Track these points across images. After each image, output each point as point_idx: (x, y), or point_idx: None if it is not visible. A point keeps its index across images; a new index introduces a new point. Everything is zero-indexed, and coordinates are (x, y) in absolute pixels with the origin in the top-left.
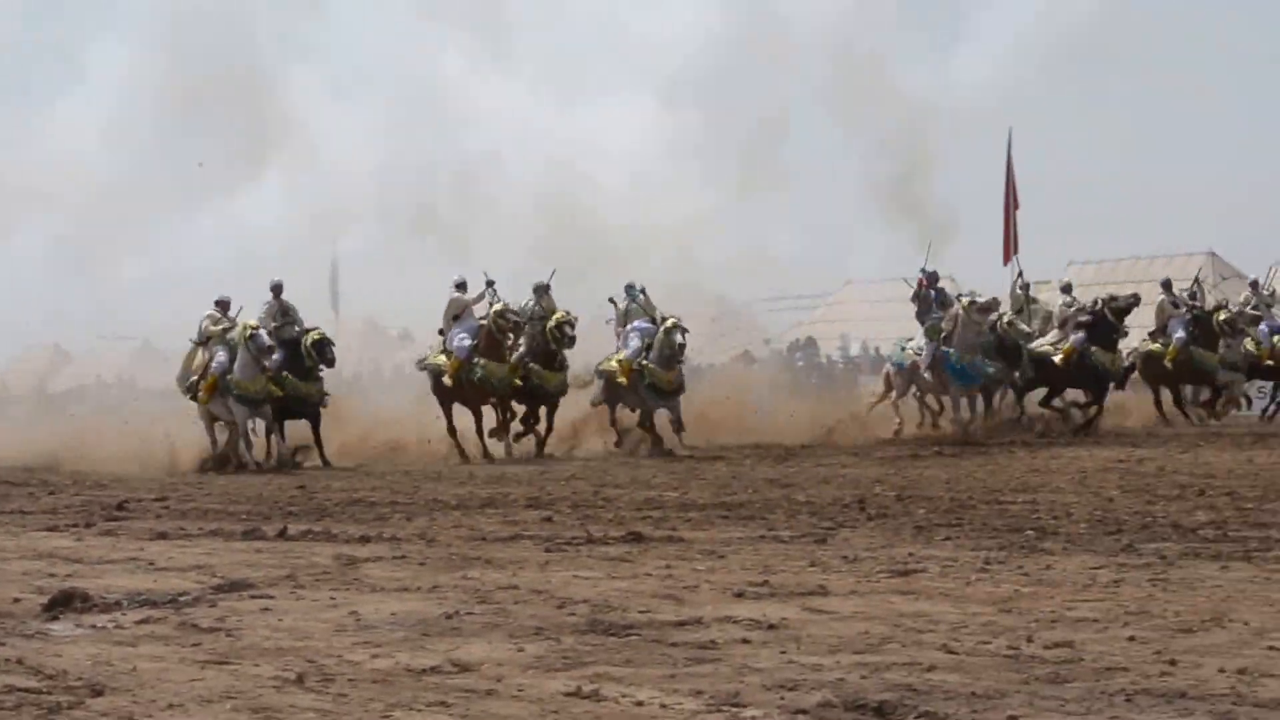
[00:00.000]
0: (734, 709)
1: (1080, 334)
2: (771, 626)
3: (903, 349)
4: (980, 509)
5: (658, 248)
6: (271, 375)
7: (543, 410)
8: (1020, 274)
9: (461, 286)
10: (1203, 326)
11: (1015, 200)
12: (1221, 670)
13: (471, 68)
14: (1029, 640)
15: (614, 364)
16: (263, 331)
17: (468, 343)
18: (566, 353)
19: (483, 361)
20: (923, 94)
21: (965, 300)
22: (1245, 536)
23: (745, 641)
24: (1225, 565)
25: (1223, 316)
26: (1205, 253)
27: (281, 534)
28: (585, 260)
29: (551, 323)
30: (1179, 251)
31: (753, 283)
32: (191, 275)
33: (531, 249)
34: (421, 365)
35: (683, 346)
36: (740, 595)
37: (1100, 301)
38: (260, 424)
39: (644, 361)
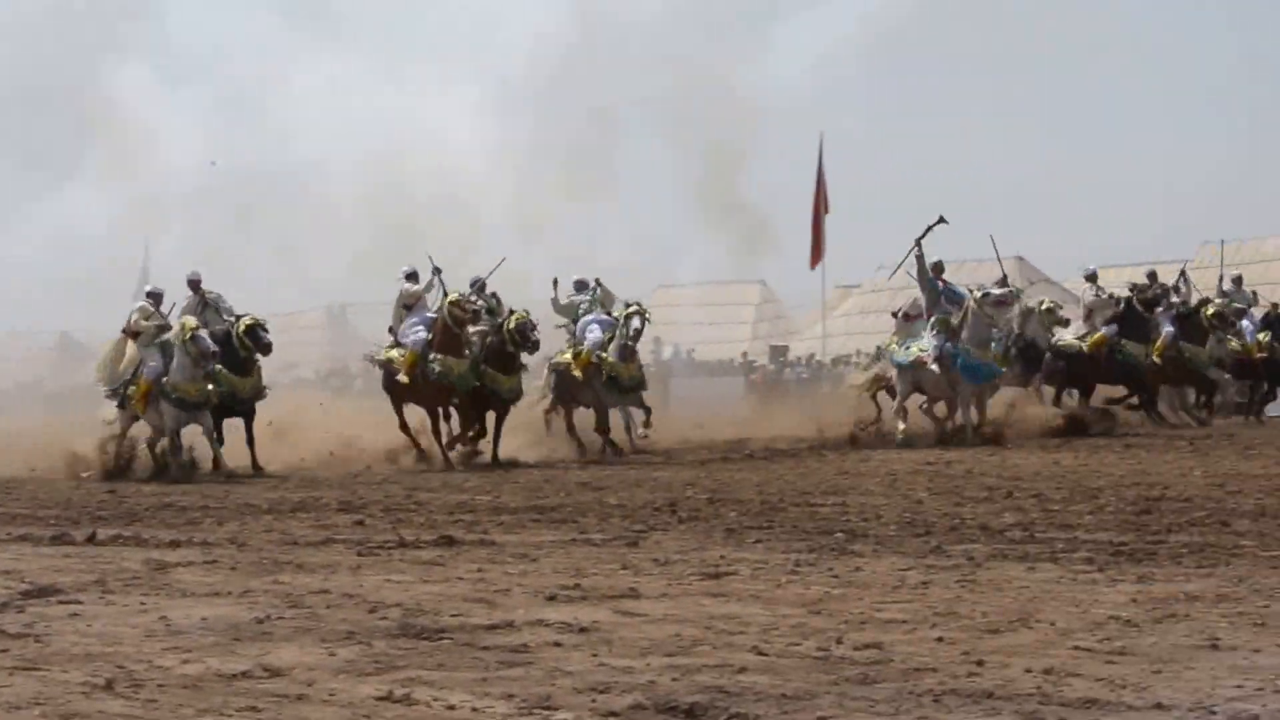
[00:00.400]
0: (545, 712)
1: (1113, 326)
2: (583, 629)
3: (906, 346)
4: (791, 511)
5: (482, 250)
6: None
7: (491, 417)
8: (1004, 275)
9: (412, 277)
10: (1190, 322)
11: (826, 204)
12: (1028, 670)
13: (299, 64)
14: (838, 642)
15: (568, 357)
16: (204, 333)
17: (423, 334)
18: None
19: (440, 357)
20: (743, 99)
21: (978, 293)
22: (1051, 538)
23: (557, 644)
24: (1032, 566)
25: (1211, 310)
26: (1013, 258)
27: (90, 539)
28: (408, 260)
29: (511, 324)
30: (987, 256)
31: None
32: (4, 270)
33: (356, 248)
34: (372, 359)
35: (639, 332)
36: (552, 598)
37: (1129, 292)
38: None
39: (602, 354)
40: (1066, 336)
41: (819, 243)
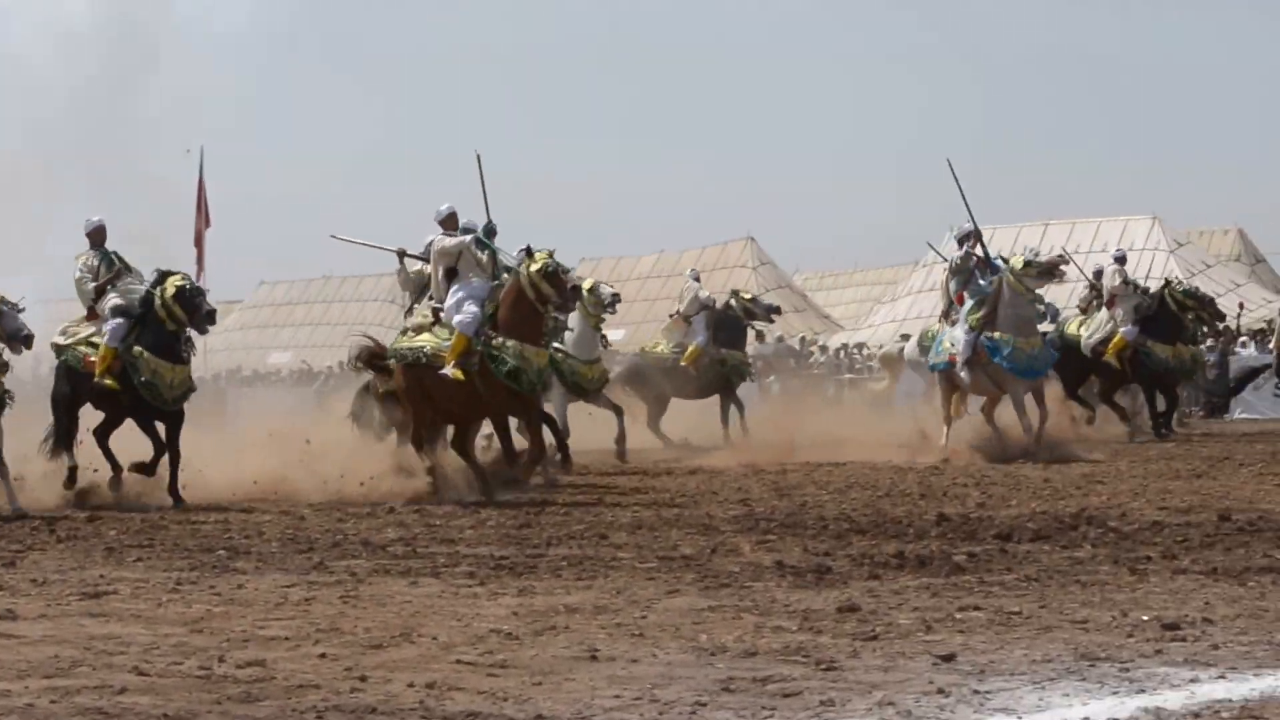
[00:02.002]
0: None
1: (1134, 328)
2: None
3: (940, 345)
4: (172, 529)
5: None
6: (118, 357)
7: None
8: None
9: (450, 220)
10: (1161, 313)
11: (207, 219)
12: (411, 685)
13: None
14: (221, 660)
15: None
16: (6, 308)
17: (477, 312)
18: None
19: (510, 344)
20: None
21: (1017, 260)
22: (434, 553)
23: None
24: (414, 581)
25: (1180, 290)
26: (393, 272)
27: None
28: None
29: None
30: (352, 273)
31: None
32: None
33: None
34: (393, 352)
35: (616, 297)
36: None
37: (1164, 289)
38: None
39: (557, 346)
40: (1094, 332)
41: (200, 257)
